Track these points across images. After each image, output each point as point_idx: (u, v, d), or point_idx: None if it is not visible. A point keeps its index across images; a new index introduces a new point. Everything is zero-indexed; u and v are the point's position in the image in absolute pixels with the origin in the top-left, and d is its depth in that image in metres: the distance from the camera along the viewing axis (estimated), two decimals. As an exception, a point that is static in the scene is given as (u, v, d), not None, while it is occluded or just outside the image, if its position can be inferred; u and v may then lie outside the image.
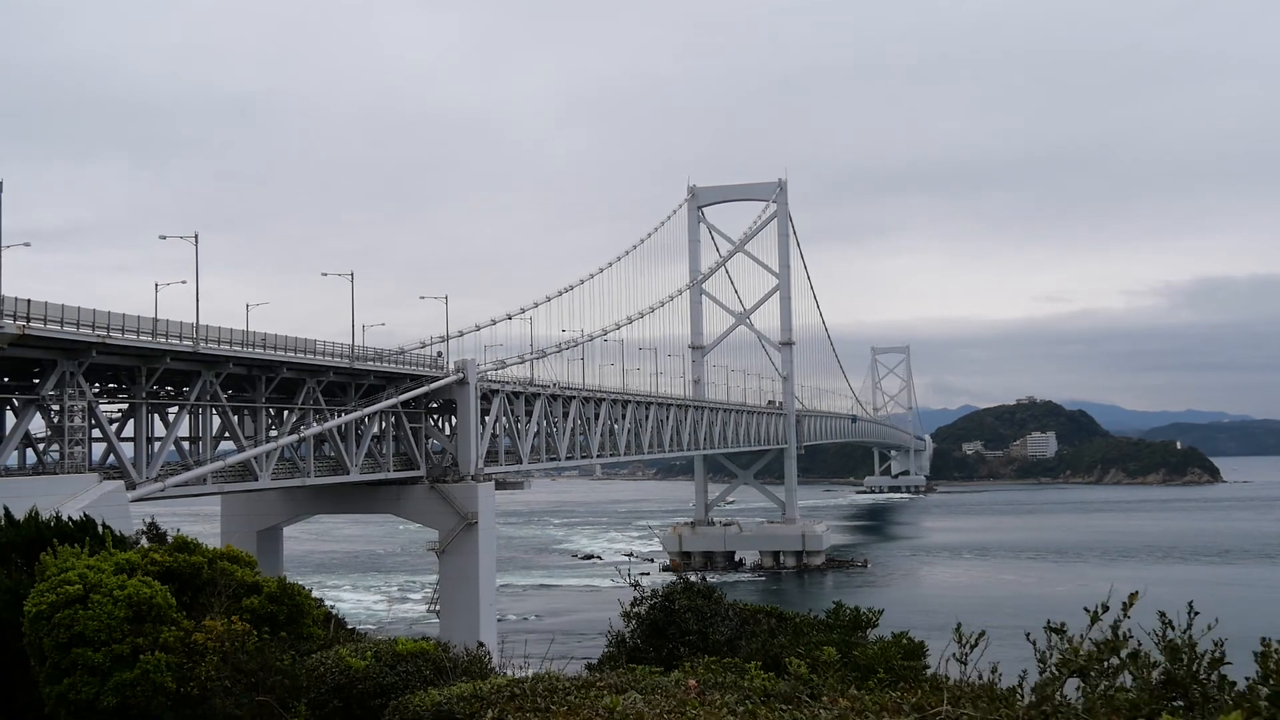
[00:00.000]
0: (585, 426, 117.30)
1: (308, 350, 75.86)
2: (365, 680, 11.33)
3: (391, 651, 11.68)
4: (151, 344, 61.37)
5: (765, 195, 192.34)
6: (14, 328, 51.77)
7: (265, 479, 72.14)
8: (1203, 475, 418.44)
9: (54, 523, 13.99)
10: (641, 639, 17.49)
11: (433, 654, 11.82)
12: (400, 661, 11.63)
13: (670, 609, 17.68)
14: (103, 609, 11.08)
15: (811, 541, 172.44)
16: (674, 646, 16.74)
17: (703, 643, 16.70)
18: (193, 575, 12.40)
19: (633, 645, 17.42)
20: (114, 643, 10.84)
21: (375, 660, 11.52)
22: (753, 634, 17.84)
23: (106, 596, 11.18)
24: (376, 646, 12.04)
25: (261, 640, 11.62)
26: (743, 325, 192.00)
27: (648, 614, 17.78)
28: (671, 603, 17.79)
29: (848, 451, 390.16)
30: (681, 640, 17.00)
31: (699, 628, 17.24)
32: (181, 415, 68.57)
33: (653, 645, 17.23)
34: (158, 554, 12.40)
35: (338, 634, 14.75)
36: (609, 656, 17.18)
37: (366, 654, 11.64)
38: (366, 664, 11.44)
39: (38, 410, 58.05)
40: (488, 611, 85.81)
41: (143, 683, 10.79)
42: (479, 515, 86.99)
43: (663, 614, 17.62)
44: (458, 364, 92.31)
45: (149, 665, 10.90)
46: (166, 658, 10.95)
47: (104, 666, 10.85)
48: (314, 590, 15.71)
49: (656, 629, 17.49)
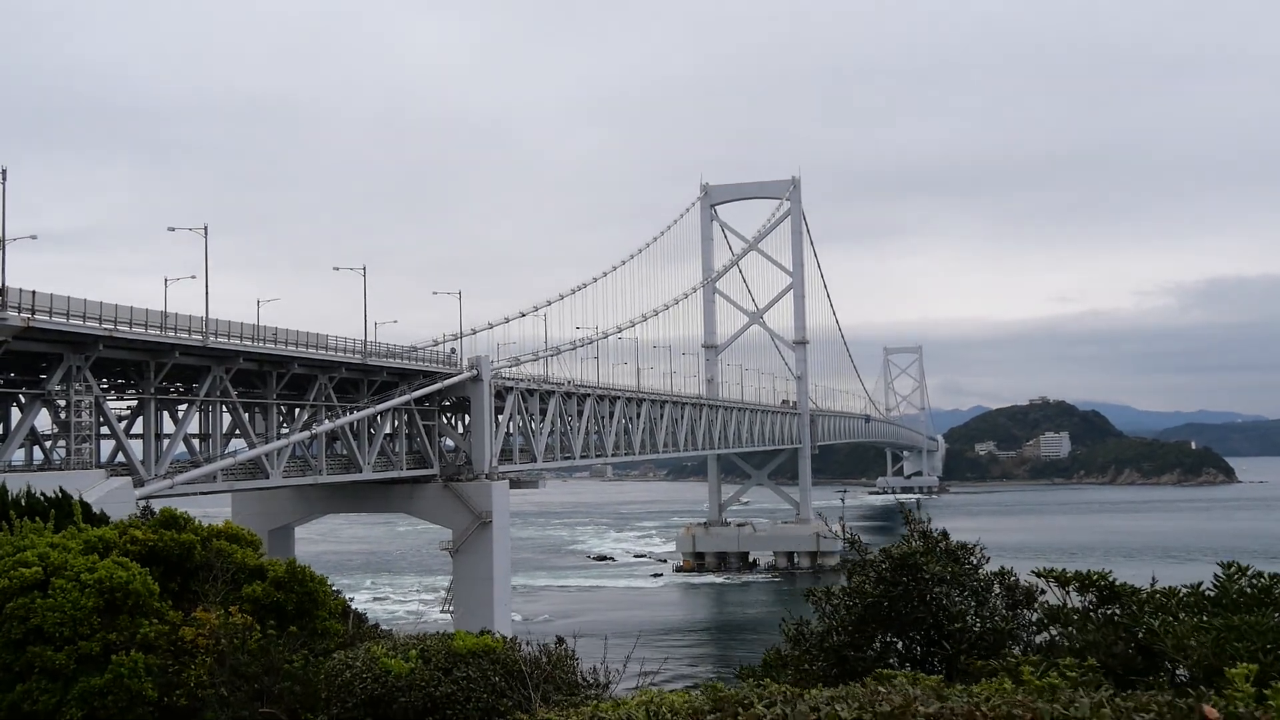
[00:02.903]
0: (600, 425, 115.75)
1: (320, 345, 74.94)
2: (411, 690, 8.51)
3: (445, 650, 8.83)
4: (160, 338, 60.57)
5: (779, 193, 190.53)
6: (18, 320, 51.02)
7: (276, 477, 71.30)
8: (1218, 475, 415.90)
9: (24, 498, 11.74)
10: (850, 629, 11.34)
11: (501, 653, 8.91)
12: (458, 664, 8.72)
13: (907, 580, 11.17)
14: (67, 597, 8.67)
15: (826, 542, 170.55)
16: (905, 641, 10.90)
17: (963, 636, 10.63)
18: (182, 557, 10.01)
19: (837, 641, 11.21)
20: (80, 639, 8.45)
21: (423, 663, 8.69)
22: (1069, 620, 11.39)
23: (72, 581, 8.77)
24: (423, 644, 9.23)
25: (266, 637, 9.32)
26: (756, 324, 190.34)
27: (863, 588, 11.43)
28: (909, 570, 11.24)
29: (860, 452, 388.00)
30: (922, 630, 10.96)
31: (961, 606, 10.98)
32: (191, 411, 67.73)
33: (863, 637, 11.28)
34: (139, 530, 10.06)
35: (359, 630, 11.97)
36: (782, 661, 11.51)
37: (410, 654, 8.87)
38: (412, 667, 8.66)
39: (44, 406, 56.94)
40: (503, 612, 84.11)
41: (116, 690, 8.36)
42: (493, 514, 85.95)
43: (897, 586, 11.26)
44: (471, 361, 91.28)
45: (124, 668, 8.45)
46: (147, 658, 8.51)
47: (67, 669, 8.46)
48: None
49: (876, 613, 11.21)
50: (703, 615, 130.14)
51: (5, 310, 50.19)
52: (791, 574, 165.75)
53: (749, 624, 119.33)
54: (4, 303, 50.52)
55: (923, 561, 11.43)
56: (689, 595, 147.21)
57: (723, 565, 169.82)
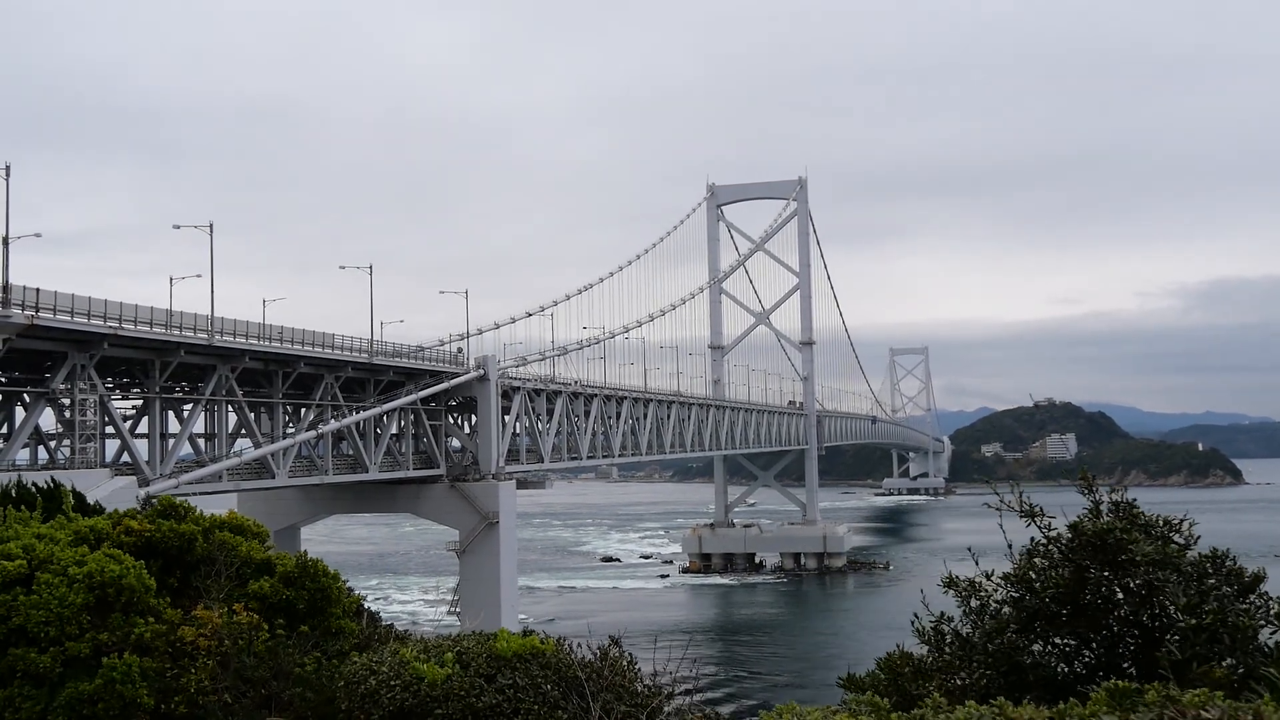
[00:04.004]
0: (606, 425, 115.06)
1: (326, 344, 74.39)
2: (448, 700, 7.38)
3: (487, 654, 7.59)
4: (165, 336, 60.13)
5: (785, 193, 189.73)
6: (22, 317, 50.66)
7: (282, 477, 70.84)
8: (1225, 477, 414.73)
9: (14, 488, 10.90)
10: (1021, 626, 8.89)
11: (552, 657, 7.72)
12: (502, 669, 7.57)
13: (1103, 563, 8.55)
14: (53, 593, 7.76)
15: (833, 543, 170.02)
16: (1094, 640, 8.33)
17: (1196, 635, 8.00)
18: (182, 549, 9.11)
19: (1005, 642, 8.70)
20: (68, 640, 7.58)
21: (460, 668, 7.56)
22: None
23: (59, 576, 7.88)
24: (459, 646, 8.00)
25: (275, 637, 8.44)
26: (763, 325, 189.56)
27: (1048, 574, 9.00)
28: (1109, 550, 8.59)
29: (865, 453, 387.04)
30: (1117, 626, 8.41)
31: (1187, 597, 8.30)
32: (196, 411, 67.13)
33: (1036, 635, 8.83)
34: (135, 521, 9.19)
35: (375, 630, 10.95)
36: (915, 668, 8.96)
37: (445, 658, 7.68)
38: (449, 673, 7.61)
39: (48, 404, 56.39)
40: (510, 613, 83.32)
41: (107, 696, 7.45)
42: (500, 515, 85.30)
43: (1089, 571, 8.75)
44: (478, 360, 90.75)
45: (116, 672, 7.52)
46: (142, 661, 7.61)
47: (53, 673, 7.56)
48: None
49: (1065, 605, 8.64)
50: (711, 617, 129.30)
51: (9, 308, 49.61)
52: (798, 575, 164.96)
53: (757, 626, 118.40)
54: (7, 300, 50.05)
55: (1126, 539, 8.72)
56: (696, 597, 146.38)
57: (729, 567, 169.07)
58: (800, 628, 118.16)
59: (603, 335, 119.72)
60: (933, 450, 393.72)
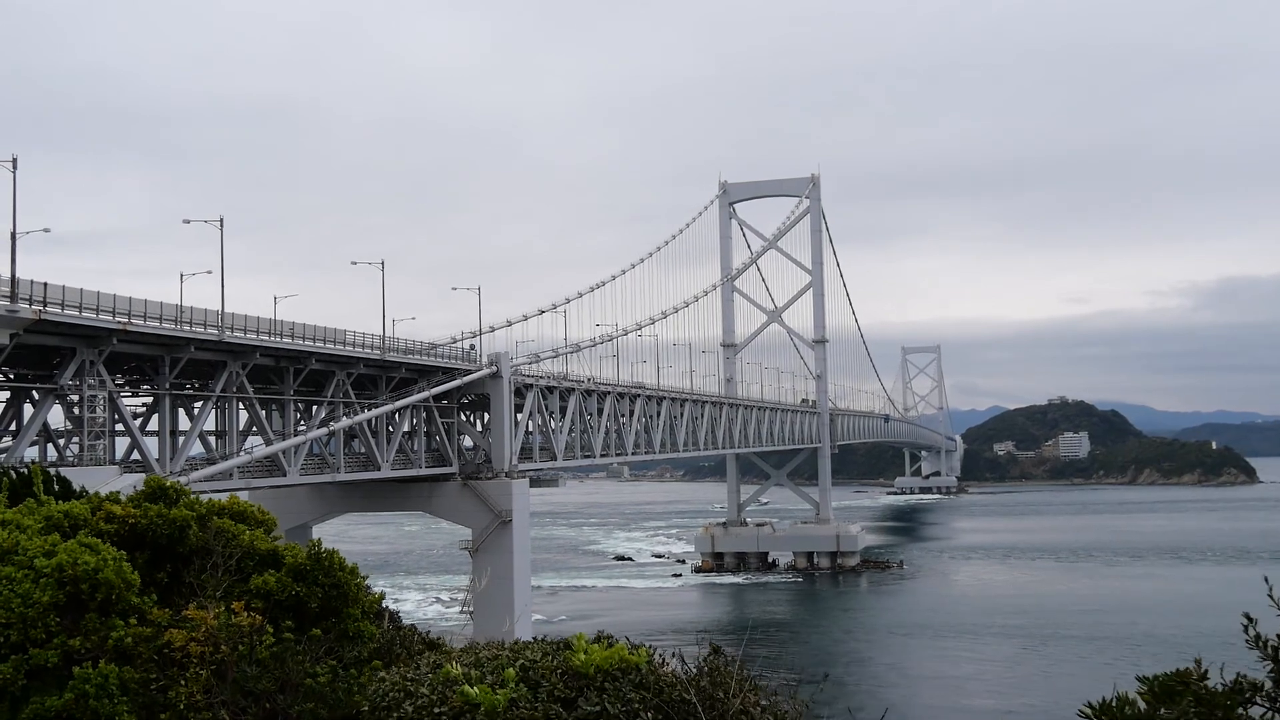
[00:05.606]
0: (619, 423, 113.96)
1: (337, 341, 73.44)
2: None
3: (561, 669, 5.72)
4: (175, 331, 59.34)
5: (798, 191, 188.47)
6: (29, 312, 49.92)
7: (294, 474, 69.99)
8: (1239, 475, 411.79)
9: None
10: None
11: (649, 673, 5.90)
12: (584, 690, 5.71)
13: None
14: (16, 589, 6.49)
15: (846, 542, 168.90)
16: None
17: None
18: (173, 538, 7.78)
19: None
20: (33, 646, 6.34)
21: (525, 688, 5.71)
22: None
23: (24, 569, 6.63)
24: (521, 658, 6.20)
25: (281, 642, 7.12)
26: (775, 323, 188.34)
27: None
28: None
29: (878, 452, 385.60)
30: None
31: None
32: (207, 408, 66.24)
33: None
34: (117, 506, 7.88)
35: (398, 634, 9.37)
36: (1241, 694, 5.76)
37: (506, 674, 5.87)
38: (511, 695, 5.84)
39: (57, 401, 55.50)
40: (524, 613, 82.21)
41: (79, 711, 6.10)
42: (513, 513, 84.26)
43: None
44: (491, 357, 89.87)
45: (90, 684, 6.21)
46: (121, 671, 6.32)
47: (15, 685, 6.29)
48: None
49: None
50: (724, 616, 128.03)
51: (16, 302, 48.80)
52: (811, 574, 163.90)
53: (771, 625, 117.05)
54: (15, 294, 49.30)
55: None
56: (709, 596, 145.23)
57: (742, 566, 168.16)
58: (814, 626, 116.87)
59: (615, 333, 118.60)
60: (945, 449, 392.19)
